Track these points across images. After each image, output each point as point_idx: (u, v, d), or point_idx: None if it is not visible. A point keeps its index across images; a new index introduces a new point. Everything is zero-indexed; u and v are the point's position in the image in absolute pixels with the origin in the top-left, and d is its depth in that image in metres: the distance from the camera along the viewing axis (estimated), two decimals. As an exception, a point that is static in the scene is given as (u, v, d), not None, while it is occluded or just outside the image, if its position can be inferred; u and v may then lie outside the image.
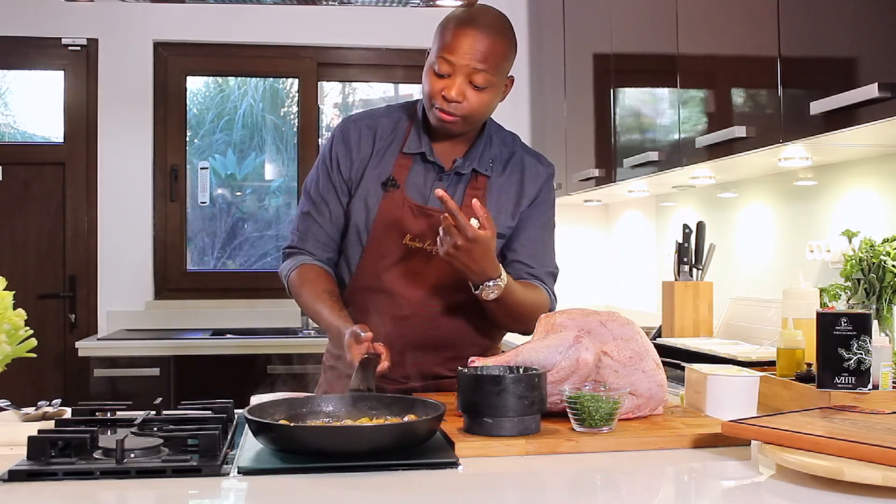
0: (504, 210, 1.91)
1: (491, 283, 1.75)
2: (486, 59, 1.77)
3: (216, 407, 1.59)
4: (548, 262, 1.96)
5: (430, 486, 1.24)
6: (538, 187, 1.95)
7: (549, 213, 1.98)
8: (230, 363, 3.60)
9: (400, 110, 1.97)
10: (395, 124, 1.94)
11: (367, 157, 1.91)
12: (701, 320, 2.93)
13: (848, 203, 2.43)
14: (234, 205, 4.57)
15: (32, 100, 4.36)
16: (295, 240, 1.97)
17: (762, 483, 1.27)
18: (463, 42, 1.76)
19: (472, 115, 1.82)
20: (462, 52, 1.76)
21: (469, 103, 1.79)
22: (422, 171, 1.90)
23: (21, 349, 1.60)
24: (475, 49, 1.76)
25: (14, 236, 4.14)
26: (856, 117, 1.74)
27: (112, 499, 1.20)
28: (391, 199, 1.87)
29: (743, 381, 1.60)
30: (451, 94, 1.77)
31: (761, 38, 2.10)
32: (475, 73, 1.77)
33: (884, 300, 1.96)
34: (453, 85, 1.78)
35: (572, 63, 3.67)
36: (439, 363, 1.92)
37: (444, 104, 1.79)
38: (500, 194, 1.92)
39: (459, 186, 1.90)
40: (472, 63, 1.76)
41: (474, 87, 1.78)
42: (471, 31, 1.77)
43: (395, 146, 1.91)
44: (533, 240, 1.94)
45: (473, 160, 1.90)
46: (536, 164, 1.98)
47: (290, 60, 4.37)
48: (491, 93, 1.81)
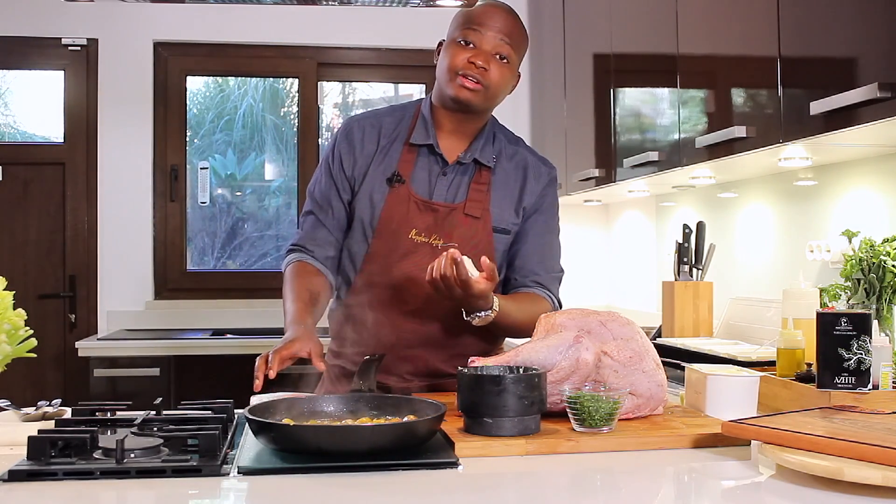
0: (507, 205, 1.93)
1: (482, 313, 1.78)
2: (511, 34, 1.87)
3: (216, 407, 1.59)
4: (555, 266, 1.99)
5: (430, 486, 1.24)
6: (542, 187, 1.97)
7: (556, 217, 2.01)
8: (230, 363, 3.60)
9: (403, 108, 2.00)
10: (398, 121, 1.96)
11: (371, 153, 1.92)
12: (701, 320, 2.93)
13: (848, 203, 2.43)
14: (234, 205, 4.57)
15: (32, 100, 4.36)
16: (297, 238, 2.00)
17: (762, 483, 1.27)
18: (492, 16, 1.87)
19: (492, 89, 1.87)
20: (491, 24, 1.86)
21: (493, 74, 1.85)
22: (426, 164, 1.91)
23: (21, 349, 1.60)
24: (503, 22, 1.87)
25: (14, 236, 4.14)
26: (856, 117, 1.74)
27: (112, 499, 1.20)
28: (396, 194, 1.89)
29: (743, 381, 1.60)
30: (480, 62, 1.84)
31: (761, 38, 2.10)
32: (501, 45, 1.86)
33: (884, 300, 1.96)
34: (481, 53, 1.85)
35: (572, 63, 3.67)
36: (444, 360, 1.93)
37: (472, 70, 1.84)
38: (503, 189, 1.94)
39: (464, 179, 1.92)
40: (499, 35, 1.86)
41: (499, 58, 1.86)
42: (497, 9, 1.89)
43: (400, 141, 1.93)
44: (541, 245, 1.96)
45: (476, 151, 1.92)
46: (540, 165, 2.00)
47: (290, 60, 4.37)
48: (511, 71, 1.89)
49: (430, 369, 1.93)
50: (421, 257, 1.86)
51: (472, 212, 1.89)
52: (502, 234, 1.92)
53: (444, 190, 1.90)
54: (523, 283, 1.94)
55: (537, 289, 1.94)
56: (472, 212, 1.89)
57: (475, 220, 1.89)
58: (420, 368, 1.92)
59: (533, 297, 1.93)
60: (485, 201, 1.90)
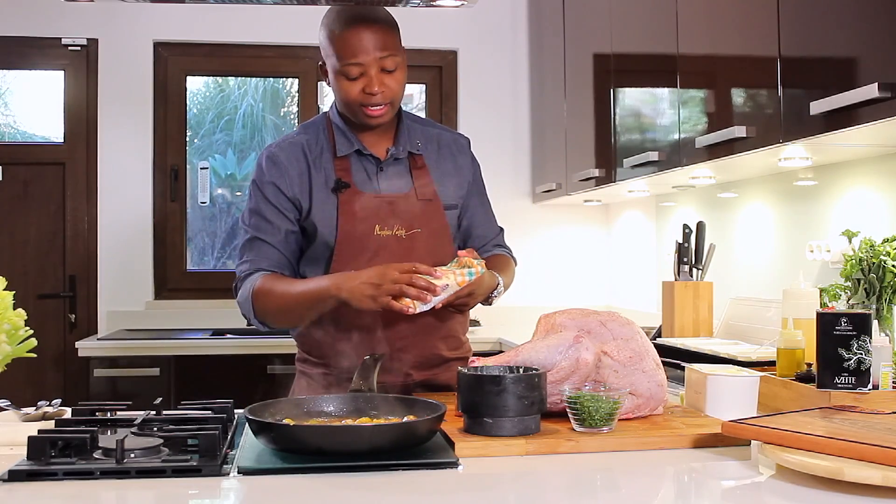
0: (448, 182, 2.01)
1: (495, 293, 1.92)
2: (386, 44, 1.87)
3: (216, 407, 1.59)
4: (496, 224, 2.16)
5: (430, 486, 1.24)
6: (469, 159, 2.09)
7: (482, 182, 2.14)
8: (230, 363, 3.60)
9: (313, 125, 2.02)
10: (315, 137, 1.98)
11: (304, 171, 1.93)
12: (701, 320, 2.93)
13: (848, 203, 2.44)
14: (234, 205, 4.57)
15: (32, 100, 4.35)
16: (247, 267, 1.94)
17: (762, 483, 1.27)
18: (359, 40, 1.85)
19: (395, 98, 1.91)
20: (365, 50, 1.85)
21: (389, 89, 1.88)
22: (361, 167, 1.95)
23: (21, 349, 1.60)
24: (374, 41, 1.85)
25: (14, 236, 4.14)
26: (856, 117, 1.74)
27: (112, 499, 1.20)
28: (347, 199, 1.90)
29: (743, 381, 1.60)
30: (374, 89, 1.86)
31: (761, 38, 2.10)
32: (384, 60, 1.86)
33: (884, 300, 1.96)
34: (371, 81, 1.86)
35: (572, 63, 3.67)
36: (439, 339, 1.96)
37: (370, 100, 1.87)
38: (438, 169, 2.01)
39: (401, 170, 1.96)
40: (377, 53, 1.85)
41: (387, 72, 1.87)
42: (359, 27, 1.86)
43: (328, 154, 1.95)
44: (485, 211, 2.12)
45: (404, 144, 1.97)
46: (457, 137, 2.11)
47: (290, 60, 4.37)
48: (402, 70, 1.91)
49: (429, 355, 1.95)
50: (390, 252, 1.88)
51: (424, 196, 1.95)
52: (452, 209, 2.01)
53: (387, 184, 1.94)
54: (486, 249, 2.09)
55: (498, 250, 2.12)
56: (424, 196, 1.95)
57: (428, 203, 1.95)
58: (418, 357, 1.93)
59: (500, 257, 2.09)
60: (430, 184, 1.97)
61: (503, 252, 2.13)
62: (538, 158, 4.22)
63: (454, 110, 4.32)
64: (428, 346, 1.94)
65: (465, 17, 4.23)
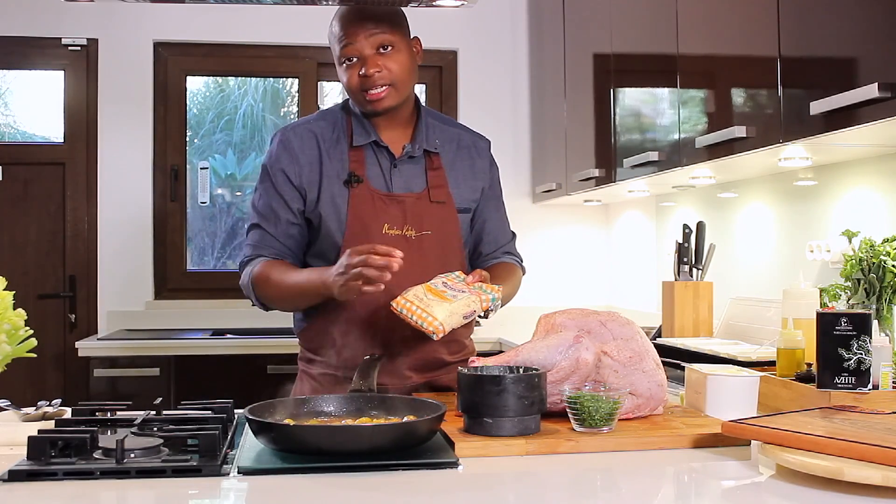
0: (463, 185, 1.99)
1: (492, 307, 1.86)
2: (380, 21, 1.86)
3: (216, 407, 1.59)
4: (509, 230, 2.14)
5: (430, 486, 1.24)
6: (487, 162, 2.06)
7: (500, 186, 2.12)
8: (230, 363, 3.60)
9: (333, 112, 2.01)
10: (332, 125, 1.97)
11: (315, 160, 1.92)
12: (701, 320, 2.93)
13: (848, 203, 2.44)
14: (234, 205, 4.57)
15: (32, 100, 4.35)
16: (249, 251, 1.97)
17: (762, 483, 1.27)
18: (352, 21, 1.87)
19: (397, 81, 1.89)
20: (356, 32, 1.86)
21: (387, 69, 1.87)
22: (376, 161, 1.93)
23: (21, 349, 1.60)
24: (365, 22, 1.86)
25: (14, 236, 4.14)
26: (856, 117, 1.74)
27: (112, 499, 1.20)
28: (358, 194, 1.90)
29: (743, 381, 1.60)
30: (369, 70, 1.85)
31: (761, 38, 2.10)
32: (377, 38, 1.86)
33: (884, 300, 1.96)
34: (365, 61, 1.86)
35: (572, 63, 3.67)
36: (440, 344, 1.93)
37: (368, 83, 1.86)
38: (454, 170, 1.99)
39: (417, 169, 1.95)
40: (369, 32, 1.85)
41: (382, 51, 1.86)
42: (353, 13, 1.88)
43: (343, 144, 1.94)
44: (500, 217, 2.10)
45: (421, 141, 1.95)
46: (478, 140, 2.08)
47: (290, 60, 4.37)
48: (402, 52, 1.89)
49: (430, 359, 1.94)
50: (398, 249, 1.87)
51: (437, 198, 1.94)
52: (465, 213, 2.00)
53: (401, 182, 1.93)
54: (495, 255, 2.08)
55: (506, 257, 2.10)
56: (438, 198, 1.94)
57: (441, 206, 1.94)
58: (419, 361, 1.92)
59: (508, 266, 2.07)
60: (445, 186, 1.96)
61: (512, 260, 2.11)
62: (538, 158, 4.22)
63: (454, 110, 4.32)
64: (429, 350, 1.94)
65: (465, 17, 4.24)
